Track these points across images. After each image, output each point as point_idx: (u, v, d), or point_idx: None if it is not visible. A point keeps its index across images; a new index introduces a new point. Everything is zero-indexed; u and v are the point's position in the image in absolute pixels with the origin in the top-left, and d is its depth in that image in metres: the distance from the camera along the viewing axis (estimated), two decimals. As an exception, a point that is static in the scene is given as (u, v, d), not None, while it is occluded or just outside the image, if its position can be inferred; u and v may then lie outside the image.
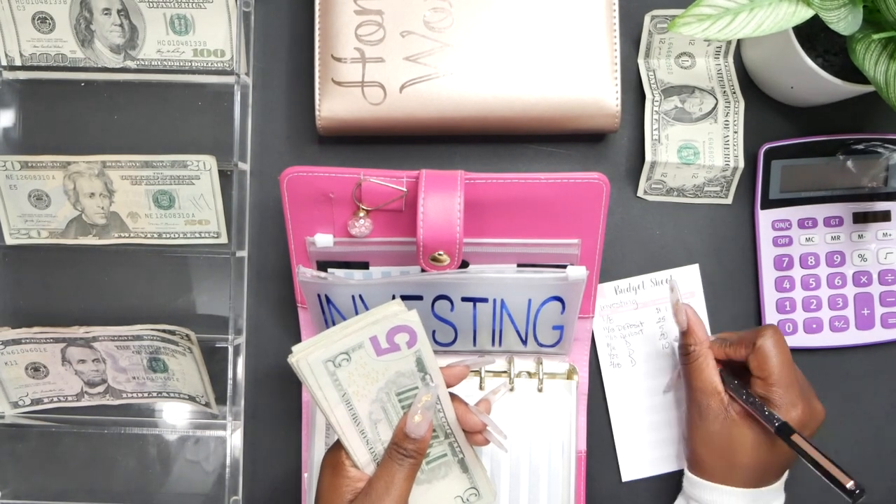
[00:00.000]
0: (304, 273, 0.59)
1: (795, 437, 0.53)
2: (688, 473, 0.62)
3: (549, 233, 0.60)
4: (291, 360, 0.50)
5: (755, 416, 0.57)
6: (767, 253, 0.67)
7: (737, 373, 0.60)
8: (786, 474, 0.60)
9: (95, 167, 0.65)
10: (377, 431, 0.53)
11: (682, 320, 0.62)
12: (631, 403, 0.68)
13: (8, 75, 0.67)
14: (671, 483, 0.68)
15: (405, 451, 0.52)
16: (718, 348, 0.61)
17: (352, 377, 0.51)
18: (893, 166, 0.66)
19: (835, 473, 0.50)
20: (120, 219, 0.67)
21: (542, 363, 0.65)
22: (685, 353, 0.62)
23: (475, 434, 0.55)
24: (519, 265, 0.61)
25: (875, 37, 0.53)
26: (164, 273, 0.68)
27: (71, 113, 0.68)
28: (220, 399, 0.67)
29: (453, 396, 0.55)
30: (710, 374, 0.60)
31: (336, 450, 0.53)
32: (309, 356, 0.50)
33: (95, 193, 0.66)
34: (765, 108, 0.68)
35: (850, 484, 0.49)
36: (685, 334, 0.62)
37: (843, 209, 0.67)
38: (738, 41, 0.67)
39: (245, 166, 0.67)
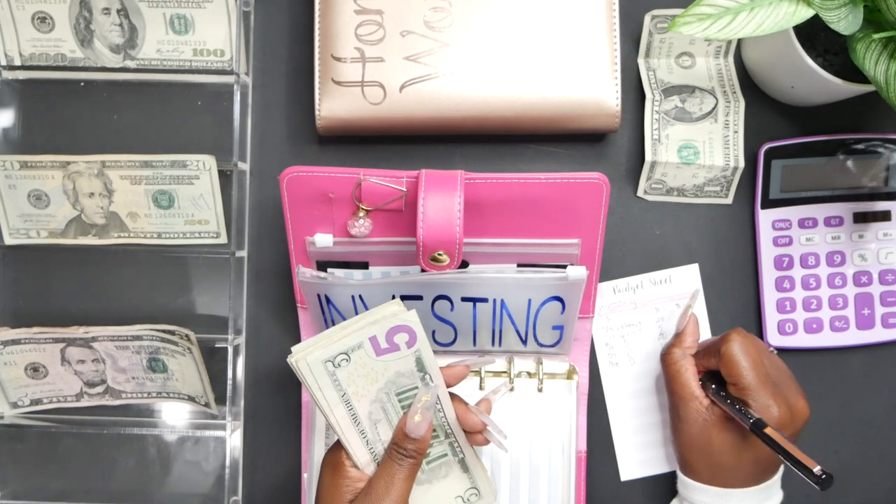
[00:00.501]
0: (304, 273, 0.59)
1: (768, 430, 0.54)
2: (680, 475, 0.62)
3: (549, 233, 0.60)
4: (291, 360, 0.50)
5: (734, 418, 0.57)
6: (767, 253, 0.67)
7: (721, 378, 0.60)
8: (780, 472, 0.60)
9: (95, 167, 0.65)
10: (377, 431, 0.53)
11: (681, 323, 0.63)
12: (629, 403, 0.68)
13: (7, 75, 0.67)
14: (670, 482, 0.68)
15: (405, 451, 0.52)
16: (697, 360, 0.62)
17: (351, 377, 0.51)
18: (894, 166, 0.66)
19: (803, 460, 0.51)
20: (119, 219, 0.67)
21: (542, 363, 0.65)
22: (667, 353, 0.63)
23: (475, 434, 0.55)
24: (519, 265, 0.61)
25: (875, 36, 0.53)
26: (163, 273, 0.68)
27: (70, 113, 0.68)
28: (220, 399, 0.67)
29: (453, 396, 0.55)
30: (688, 380, 0.61)
31: (336, 450, 0.53)
32: (308, 356, 0.50)
33: (95, 193, 0.66)
34: (765, 108, 0.68)
35: (816, 469, 0.51)
36: (676, 336, 0.63)
37: (844, 209, 0.67)
38: (739, 41, 0.67)
39: (245, 166, 0.67)
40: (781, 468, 0.60)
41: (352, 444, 0.53)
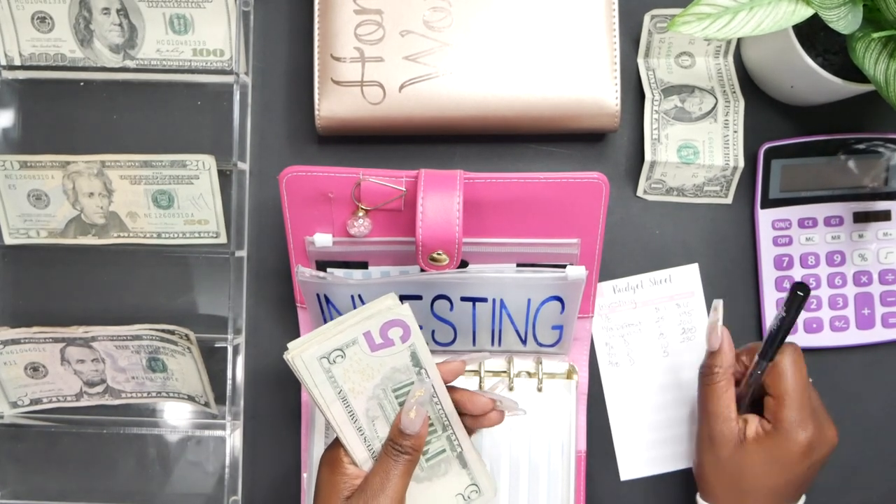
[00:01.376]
0: (304, 273, 0.59)
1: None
2: (700, 501, 0.60)
3: (548, 232, 0.60)
4: (287, 356, 0.50)
5: (766, 442, 0.56)
6: (767, 252, 0.67)
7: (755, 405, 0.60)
8: (803, 499, 0.59)
9: (94, 167, 0.65)
10: (375, 429, 0.53)
11: (715, 341, 0.59)
12: (629, 403, 0.68)
13: (7, 75, 0.67)
14: (670, 482, 0.68)
15: (401, 448, 0.52)
16: (738, 358, 0.60)
17: (347, 374, 0.51)
18: (894, 166, 0.66)
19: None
20: (119, 218, 0.67)
21: (541, 363, 0.65)
22: (708, 373, 0.59)
23: (489, 414, 0.54)
24: (518, 265, 0.61)
25: (875, 35, 0.53)
26: (163, 273, 0.68)
27: (70, 113, 0.68)
28: (220, 399, 0.67)
29: (455, 388, 0.55)
30: (728, 401, 0.58)
31: (334, 447, 0.53)
32: (303, 353, 0.50)
33: (94, 193, 0.66)
34: (765, 108, 0.68)
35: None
36: (713, 355, 0.59)
37: (844, 209, 0.67)
38: (738, 40, 0.67)
39: (244, 166, 0.67)
40: (803, 498, 0.59)
41: (349, 442, 0.53)
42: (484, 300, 0.60)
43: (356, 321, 0.51)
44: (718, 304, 0.59)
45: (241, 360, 0.68)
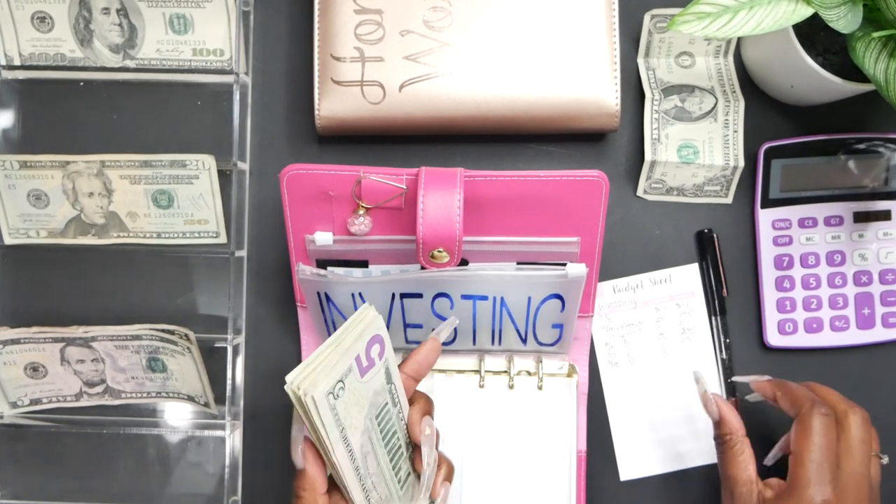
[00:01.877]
0: (304, 271, 0.59)
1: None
2: None
3: (548, 231, 0.60)
4: (298, 392, 0.44)
5: (781, 502, 0.55)
6: (767, 252, 0.67)
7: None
8: None
9: (94, 167, 0.65)
10: (367, 465, 0.50)
11: (713, 411, 0.60)
12: (629, 403, 0.68)
13: (7, 75, 0.67)
14: (670, 483, 0.68)
15: None
16: (771, 387, 0.60)
17: (347, 408, 0.47)
18: (894, 166, 0.66)
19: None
20: (119, 218, 0.67)
21: (541, 362, 0.65)
22: (720, 442, 0.60)
23: (430, 358, 0.55)
24: (519, 263, 0.61)
25: (875, 35, 0.53)
26: (163, 273, 0.68)
27: (70, 112, 0.68)
28: (220, 399, 0.67)
29: (416, 400, 0.53)
30: (745, 463, 0.58)
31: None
32: (314, 391, 0.44)
33: (94, 193, 0.66)
34: (765, 108, 0.68)
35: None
36: (718, 424, 0.60)
37: (844, 208, 0.67)
38: (738, 40, 0.67)
39: (244, 166, 0.67)
40: None
41: (349, 484, 0.49)
42: (484, 298, 0.60)
43: (350, 342, 0.48)
44: (699, 375, 0.61)
45: (240, 360, 0.68)
